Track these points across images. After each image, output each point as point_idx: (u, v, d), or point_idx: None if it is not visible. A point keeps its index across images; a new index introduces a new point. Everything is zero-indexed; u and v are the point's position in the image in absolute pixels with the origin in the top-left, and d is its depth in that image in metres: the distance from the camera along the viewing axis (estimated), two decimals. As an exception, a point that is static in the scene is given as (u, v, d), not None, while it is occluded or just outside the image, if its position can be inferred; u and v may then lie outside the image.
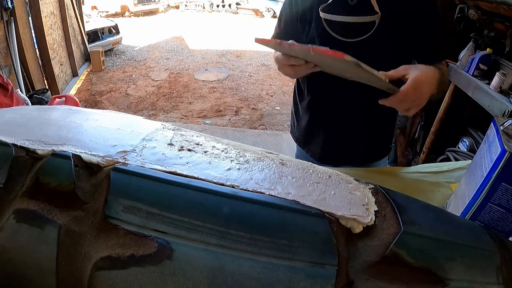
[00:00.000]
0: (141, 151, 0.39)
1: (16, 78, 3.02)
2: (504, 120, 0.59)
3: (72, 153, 0.36)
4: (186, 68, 5.95)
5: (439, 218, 0.36)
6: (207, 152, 0.42)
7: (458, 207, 0.64)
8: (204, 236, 0.30)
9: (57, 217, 0.32)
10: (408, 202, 0.37)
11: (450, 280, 0.30)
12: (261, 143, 3.27)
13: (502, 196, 0.54)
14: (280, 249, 0.30)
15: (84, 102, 4.40)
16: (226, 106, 4.41)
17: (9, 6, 2.88)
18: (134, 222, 0.31)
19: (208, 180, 0.36)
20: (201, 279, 0.29)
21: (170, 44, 7.54)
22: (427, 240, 0.32)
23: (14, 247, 0.31)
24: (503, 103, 1.62)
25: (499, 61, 1.86)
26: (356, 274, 0.31)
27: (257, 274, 0.29)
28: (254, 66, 6.22)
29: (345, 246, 0.32)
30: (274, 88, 5.18)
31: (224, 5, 12.75)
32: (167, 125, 0.48)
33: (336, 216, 0.34)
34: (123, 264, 0.30)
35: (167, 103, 4.49)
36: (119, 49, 6.80)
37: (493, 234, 0.35)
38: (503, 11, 1.61)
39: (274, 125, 4.00)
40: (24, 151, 0.36)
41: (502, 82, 1.71)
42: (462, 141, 2.13)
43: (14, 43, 3.00)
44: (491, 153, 0.56)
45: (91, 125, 0.44)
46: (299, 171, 0.41)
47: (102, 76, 5.40)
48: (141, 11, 11.33)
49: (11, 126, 0.41)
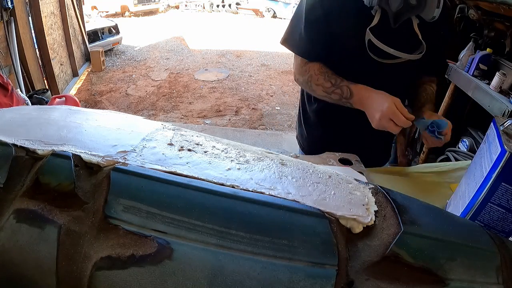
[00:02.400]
0: (141, 151, 0.39)
1: (16, 78, 3.02)
2: (504, 120, 0.59)
3: (72, 153, 0.36)
4: (186, 68, 5.95)
5: (439, 218, 0.36)
6: (207, 152, 0.42)
7: (458, 207, 0.64)
8: (204, 236, 0.30)
9: (57, 217, 0.32)
10: (408, 202, 0.37)
11: (450, 280, 0.30)
12: (261, 143, 3.27)
13: (502, 196, 0.54)
14: (280, 249, 0.30)
15: (84, 102, 4.41)
16: (226, 106, 4.41)
17: (9, 6, 2.88)
18: (134, 222, 0.31)
19: (208, 180, 0.36)
20: (201, 279, 0.29)
21: (170, 44, 7.54)
22: (427, 240, 0.32)
23: (14, 247, 0.31)
24: (503, 103, 1.62)
25: (499, 61, 1.86)
26: (356, 274, 0.31)
27: (257, 274, 0.29)
28: (254, 66, 6.22)
29: (345, 246, 0.32)
30: (274, 88, 5.18)
31: (224, 5, 12.76)
32: (167, 125, 0.48)
33: (336, 216, 0.34)
34: (123, 264, 0.30)
35: (167, 103, 4.49)
36: (119, 49, 6.81)
37: (493, 234, 0.35)
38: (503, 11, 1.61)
39: (274, 125, 4.00)
40: (24, 151, 0.36)
41: (502, 82, 1.71)
42: (462, 141, 2.13)
43: (14, 43, 3.00)
44: (491, 153, 0.56)
45: (91, 125, 0.44)
46: (299, 171, 0.41)
47: (102, 76, 5.40)
48: (141, 11, 11.33)
49: (11, 126, 0.41)
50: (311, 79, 0.93)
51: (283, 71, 5.97)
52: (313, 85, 0.92)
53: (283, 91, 5.03)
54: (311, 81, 0.93)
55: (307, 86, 0.96)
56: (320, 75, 0.91)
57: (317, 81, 0.91)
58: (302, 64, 0.96)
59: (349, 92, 0.86)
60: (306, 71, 0.94)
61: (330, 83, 0.88)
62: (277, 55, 6.87)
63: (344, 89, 0.86)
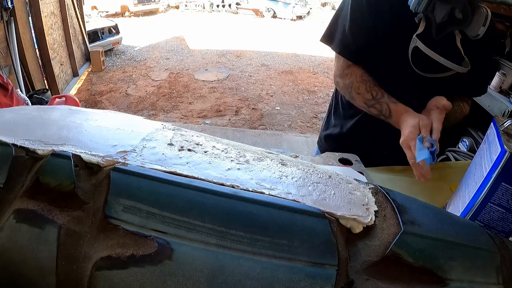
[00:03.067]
0: (141, 151, 0.39)
1: (16, 78, 3.02)
2: (504, 120, 0.59)
3: (72, 153, 0.36)
4: (186, 68, 5.95)
5: (439, 218, 0.36)
6: (207, 152, 0.42)
7: (458, 207, 0.64)
8: (204, 236, 0.31)
9: (57, 217, 0.32)
10: (408, 202, 0.37)
11: (450, 280, 0.30)
12: (261, 143, 3.27)
13: (502, 196, 0.54)
14: (280, 249, 0.30)
15: (84, 102, 4.41)
16: (226, 106, 4.42)
17: (9, 6, 2.88)
18: (134, 222, 0.31)
19: (208, 180, 0.36)
20: (201, 279, 0.29)
21: (170, 44, 7.54)
22: (427, 240, 0.32)
23: (14, 247, 0.31)
24: (503, 103, 1.62)
25: (499, 61, 1.86)
26: (356, 274, 0.31)
27: (257, 274, 0.29)
28: (254, 66, 6.22)
29: (345, 246, 0.32)
30: (274, 88, 5.18)
31: (224, 5, 12.77)
32: (167, 125, 0.48)
33: (336, 216, 0.34)
34: (123, 264, 0.30)
35: (167, 103, 4.49)
36: (119, 49, 6.81)
37: (493, 234, 0.35)
38: (503, 11, 1.61)
39: (274, 125, 4.01)
40: (24, 151, 0.36)
41: (502, 82, 1.72)
42: (462, 141, 2.13)
43: (14, 43, 3.00)
44: (491, 153, 0.56)
45: (91, 125, 0.44)
46: (299, 171, 0.41)
47: (102, 76, 5.40)
48: (141, 11, 11.33)
49: (11, 126, 0.41)
50: (351, 85, 0.87)
51: (283, 71, 5.98)
52: (354, 93, 0.87)
53: (283, 91, 5.03)
54: (351, 87, 0.87)
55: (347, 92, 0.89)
56: (362, 83, 0.85)
57: (358, 90, 0.85)
58: (344, 66, 0.89)
59: (388, 111, 0.81)
60: (347, 76, 0.88)
61: (371, 96, 0.83)
62: (277, 55, 6.88)
63: (384, 106, 0.81)
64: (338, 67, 0.92)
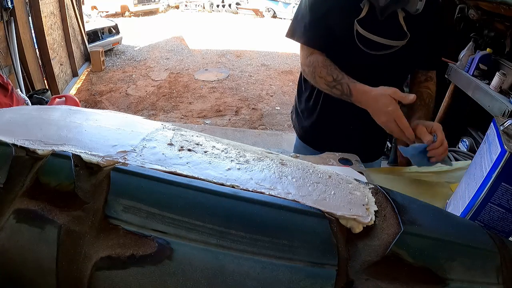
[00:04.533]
0: (141, 151, 0.39)
1: (16, 78, 3.02)
2: (504, 120, 0.59)
3: (72, 153, 0.36)
4: (186, 68, 5.95)
5: (439, 218, 0.36)
6: (207, 152, 0.42)
7: (458, 207, 0.64)
8: (204, 236, 0.30)
9: (57, 217, 0.32)
10: (408, 202, 0.37)
11: (450, 280, 0.30)
12: (261, 143, 3.27)
13: (502, 196, 0.54)
14: (280, 249, 0.30)
15: (84, 102, 4.40)
16: (226, 106, 4.41)
17: (9, 6, 2.88)
18: (134, 222, 0.31)
19: (208, 180, 0.36)
20: (201, 279, 0.29)
21: (170, 44, 7.54)
22: (427, 240, 0.32)
23: (14, 247, 0.31)
24: (503, 103, 1.62)
25: (499, 61, 1.86)
26: (356, 274, 0.31)
27: (257, 274, 0.29)
28: (254, 66, 6.22)
29: (345, 246, 0.32)
30: (274, 88, 5.18)
31: (224, 5, 12.76)
32: (167, 125, 0.48)
33: (336, 216, 0.34)
34: (123, 264, 0.30)
35: (167, 103, 4.49)
36: (119, 49, 6.80)
37: (493, 234, 0.35)
38: (503, 11, 1.61)
39: (274, 125, 4.00)
40: (24, 151, 0.36)
41: (502, 82, 1.72)
42: (462, 141, 2.13)
43: (14, 43, 3.00)
44: (491, 153, 0.56)
45: (91, 125, 0.44)
46: (299, 171, 0.41)
47: (102, 76, 5.40)
48: (141, 11, 11.33)
49: (11, 126, 0.41)
50: (315, 70, 0.94)
51: (283, 71, 5.97)
52: (317, 77, 0.93)
53: (283, 91, 5.03)
54: (315, 72, 0.94)
55: (312, 78, 0.97)
56: (323, 67, 0.92)
57: (320, 74, 0.92)
58: (307, 53, 0.97)
59: (348, 90, 0.87)
60: (311, 62, 0.95)
61: (332, 78, 0.89)
62: (277, 55, 6.87)
63: (345, 86, 0.88)
64: (302, 55, 1.00)
